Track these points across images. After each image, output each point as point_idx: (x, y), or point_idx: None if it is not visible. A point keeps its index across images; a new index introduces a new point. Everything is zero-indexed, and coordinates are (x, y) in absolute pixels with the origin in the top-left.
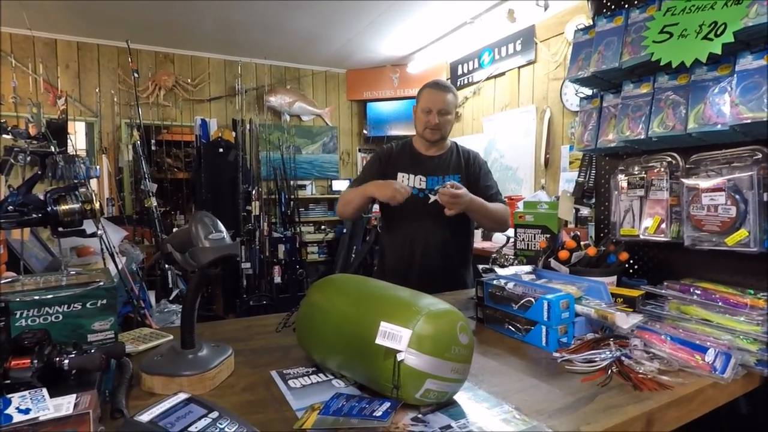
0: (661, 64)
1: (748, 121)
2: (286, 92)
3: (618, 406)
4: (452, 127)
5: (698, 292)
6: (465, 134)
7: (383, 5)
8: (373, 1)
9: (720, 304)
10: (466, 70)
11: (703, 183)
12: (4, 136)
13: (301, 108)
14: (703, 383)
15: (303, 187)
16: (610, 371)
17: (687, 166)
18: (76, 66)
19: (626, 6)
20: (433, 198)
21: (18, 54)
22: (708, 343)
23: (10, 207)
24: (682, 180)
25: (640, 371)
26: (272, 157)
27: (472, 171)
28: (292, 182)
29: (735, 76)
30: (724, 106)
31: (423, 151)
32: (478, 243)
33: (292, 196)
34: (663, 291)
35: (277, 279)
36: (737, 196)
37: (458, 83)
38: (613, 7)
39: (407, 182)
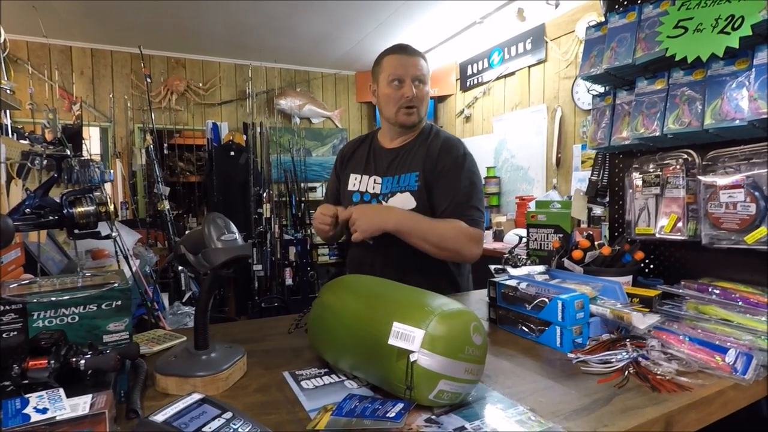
0: (677, 59)
1: None
2: (296, 95)
3: (636, 407)
4: (427, 108)
5: (717, 291)
6: (475, 135)
7: (392, 7)
8: (382, 1)
9: (740, 303)
10: (475, 70)
11: (721, 180)
12: (21, 141)
13: (310, 110)
14: (723, 385)
15: (314, 189)
16: (626, 372)
17: (704, 162)
18: (91, 72)
19: (639, 1)
20: None
21: (34, 61)
22: (728, 344)
23: (28, 210)
24: (699, 177)
25: (658, 372)
26: (283, 159)
27: (435, 170)
28: (302, 184)
29: (753, 70)
30: (742, 101)
31: (386, 144)
32: (489, 244)
33: (303, 199)
34: (680, 291)
35: (289, 281)
36: (756, 193)
37: (468, 83)
38: (625, 2)
39: (358, 186)
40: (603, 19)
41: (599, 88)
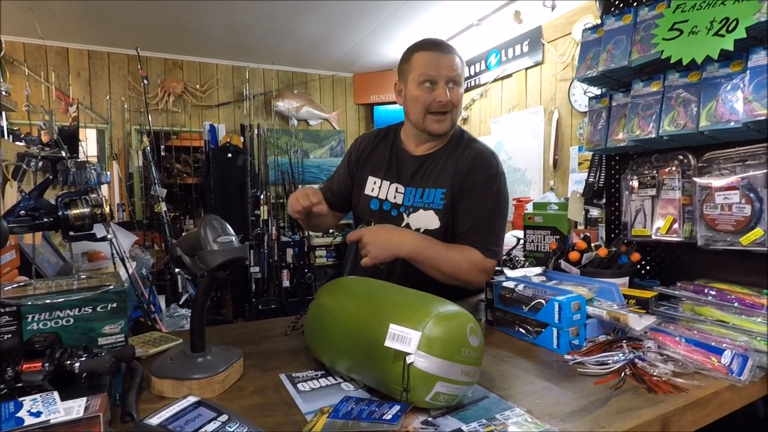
0: (672, 61)
1: (762, 117)
2: (294, 97)
3: (632, 409)
4: (460, 113)
5: (713, 292)
6: None
7: (390, 8)
8: (380, 1)
9: (736, 304)
10: (473, 72)
11: (717, 182)
12: (17, 143)
13: (308, 112)
14: (719, 386)
15: None
16: (623, 374)
17: (699, 164)
18: (87, 74)
19: (635, 4)
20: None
21: (31, 63)
22: (724, 345)
23: (22, 212)
24: (695, 179)
25: (655, 374)
26: (280, 161)
27: (463, 187)
28: (300, 186)
29: (748, 72)
30: (737, 103)
31: (410, 148)
32: None
33: None
34: (676, 292)
35: (286, 283)
36: (752, 195)
37: (465, 85)
38: (621, 5)
39: (378, 192)
40: (599, 22)
41: (595, 90)
